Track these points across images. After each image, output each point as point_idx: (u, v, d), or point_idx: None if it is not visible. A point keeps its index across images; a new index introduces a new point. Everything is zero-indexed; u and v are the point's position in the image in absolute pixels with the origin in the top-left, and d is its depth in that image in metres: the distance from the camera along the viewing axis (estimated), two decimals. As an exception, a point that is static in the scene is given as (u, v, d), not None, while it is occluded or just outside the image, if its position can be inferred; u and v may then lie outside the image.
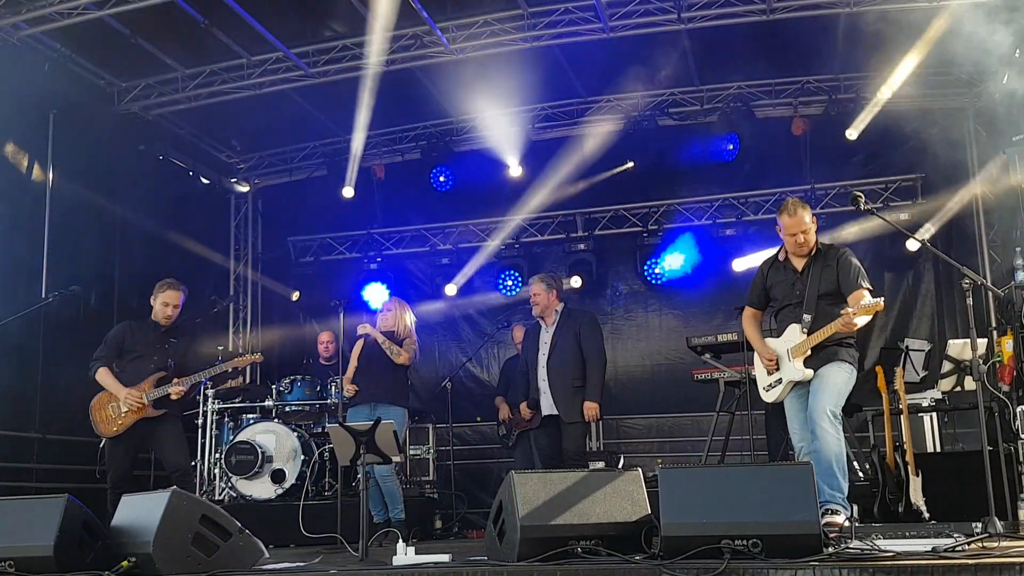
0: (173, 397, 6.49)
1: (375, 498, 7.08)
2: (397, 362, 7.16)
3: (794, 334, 5.34)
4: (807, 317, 5.27)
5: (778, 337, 5.49)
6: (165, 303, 6.66)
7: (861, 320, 5.13)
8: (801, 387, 5.35)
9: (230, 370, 7.36)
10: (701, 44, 9.49)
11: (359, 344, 7.35)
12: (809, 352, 5.25)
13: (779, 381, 5.42)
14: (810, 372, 5.25)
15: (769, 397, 5.54)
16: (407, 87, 10.28)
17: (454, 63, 9.49)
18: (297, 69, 9.70)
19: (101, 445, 6.62)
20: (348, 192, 11.28)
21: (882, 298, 5.06)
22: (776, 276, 5.58)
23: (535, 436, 7.44)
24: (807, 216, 5.38)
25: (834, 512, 4.95)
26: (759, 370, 5.62)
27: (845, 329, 5.12)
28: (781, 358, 5.41)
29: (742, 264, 10.49)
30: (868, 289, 5.28)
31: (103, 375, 6.56)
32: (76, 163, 9.30)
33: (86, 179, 9.48)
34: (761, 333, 5.69)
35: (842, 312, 5.06)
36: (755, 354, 5.69)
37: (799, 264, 5.47)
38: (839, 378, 5.23)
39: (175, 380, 6.53)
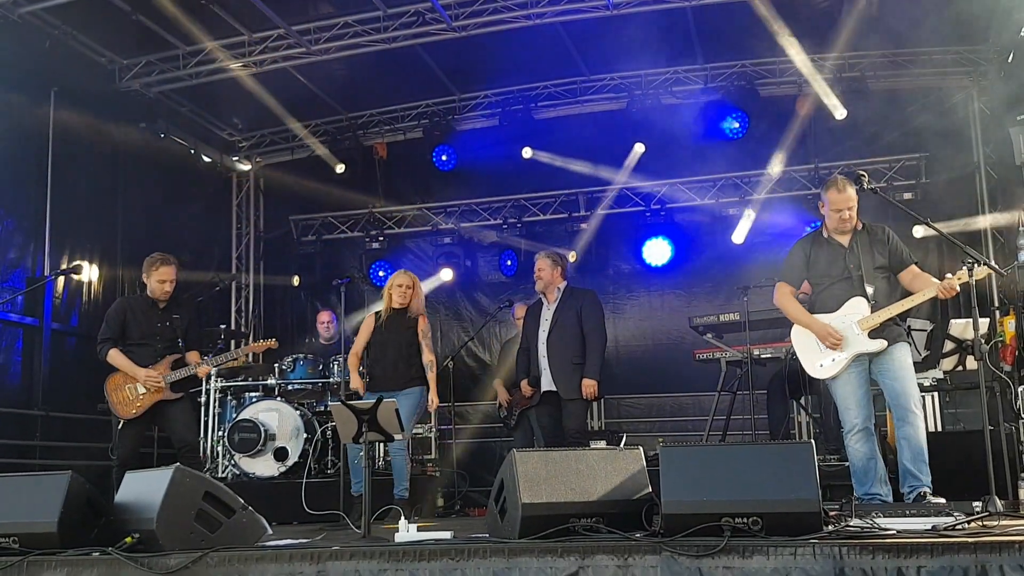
0: (201, 376, 6.54)
1: (357, 469, 7.05)
2: (429, 366, 7.15)
3: (857, 307, 5.33)
4: (870, 290, 5.31)
5: (832, 312, 5.41)
6: (161, 280, 6.54)
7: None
8: (859, 363, 5.32)
9: (247, 357, 7.40)
10: (705, 22, 9.43)
11: (369, 323, 7.31)
12: (879, 324, 5.26)
13: (839, 356, 5.33)
14: (883, 343, 5.24)
15: (823, 373, 5.40)
16: (409, 65, 10.24)
17: (456, 41, 9.43)
18: (298, 46, 9.66)
19: (119, 427, 6.57)
20: (339, 168, 11.38)
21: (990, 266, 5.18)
22: (820, 253, 5.53)
23: (537, 414, 7.46)
24: (853, 192, 5.38)
25: (930, 494, 5.05)
26: (805, 346, 5.47)
27: (944, 295, 5.14)
28: (845, 330, 5.32)
29: (741, 235, 10.50)
30: (916, 263, 5.41)
31: (115, 356, 6.47)
32: (77, 141, 9.30)
33: (87, 157, 9.48)
34: (804, 309, 5.56)
35: (947, 277, 5.14)
36: (794, 331, 5.57)
37: (843, 240, 5.47)
38: (911, 361, 5.30)
39: (196, 356, 6.56)
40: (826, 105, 10.00)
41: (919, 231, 9.17)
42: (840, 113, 9.93)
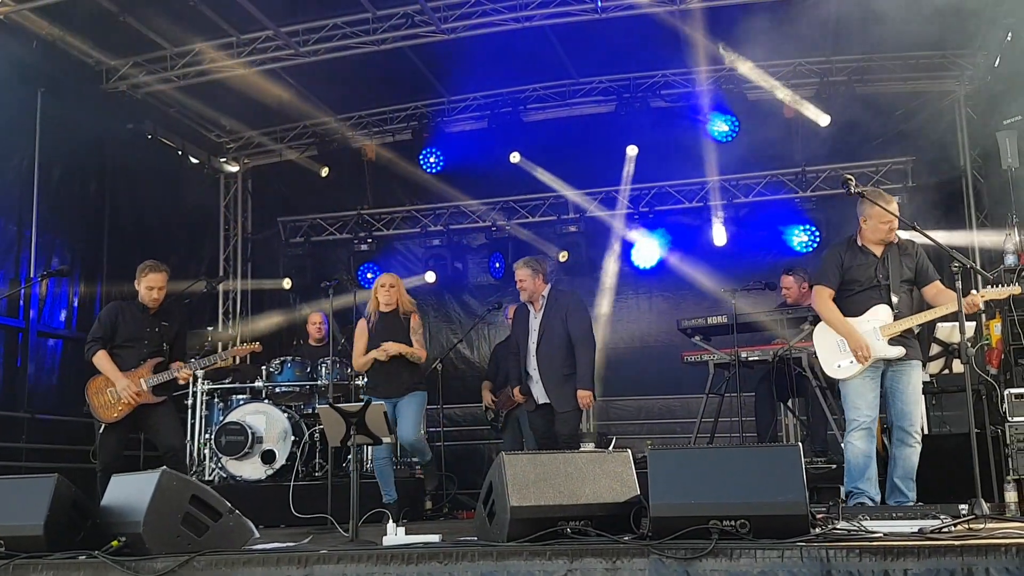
0: (181, 381, 6.47)
1: (385, 476, 7.18)
2: (419, 361, 7.17)
3: (881, 314, 5.52)
4: (895, 299, 5.51)
5: (856, 317, 5.58)
6: (149, 287, 6.49)
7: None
8: (875, 368, 5.50)
9: (234, 360, 7.38)
10: (693, 25, 9.44)
11: (363, 328, 7.28)
12: (899, 332, 5.45)
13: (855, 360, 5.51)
14: (901, 350, 5.44)
15: (840, 374, 5.58)
16: (398, 67, 10.23)
17: (445, 43, 9.43)
18: (287, 48, 9.64)
19: (100, 430, 6.52)
20: (324, 172, 11.50)
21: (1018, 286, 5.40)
22: (854, 260, 5.69)
23: (530, 418, 7.44)
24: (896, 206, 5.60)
25: None
26: (826, 345, 5.66)
27: (968, 311, 5.23)
28: (867, 336, 5.50)
29: (721, 237, 10.54)
30: (941, 279, 5.60)
31: (101, 359, 6.41)
32: (64, 142, 9.26)
33: (74, 158, 9.45)
34: (843, 316, 5.66)
35: (971, 294, 5.26)
36: (817, 330, 5.75)
37: (877, 251, 5.64)
38: (921, 386, 5.56)
39: (179, 364, 6.47)
40: (813, 109, 10.06)
41: (903, 235, 9.18)
42: (823, 120, 9.99)
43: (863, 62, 10.10)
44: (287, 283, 11.89)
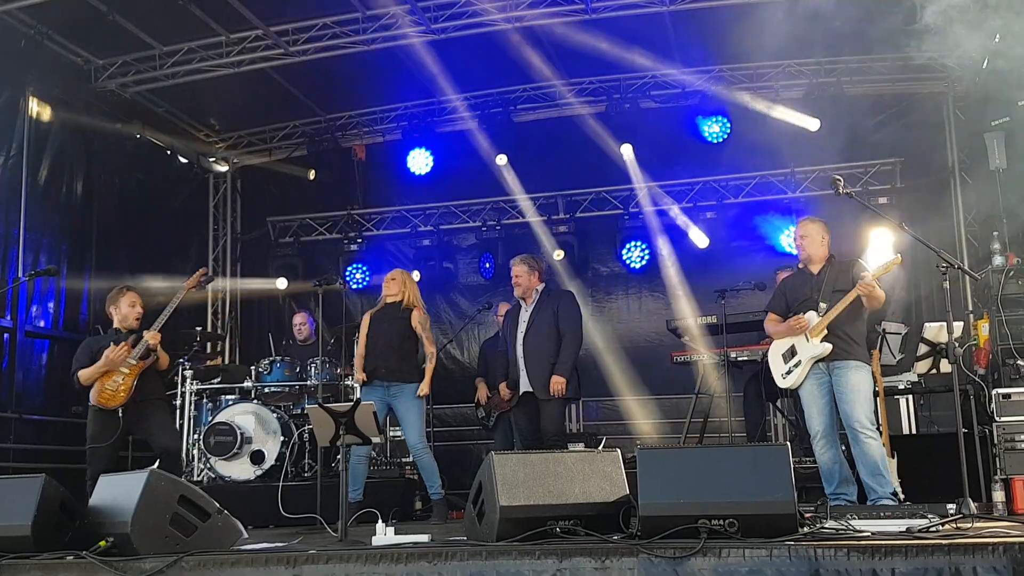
0: (151, 344, 6.36)
1: (357, 475, 7.06)
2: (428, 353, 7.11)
3: (809, 319, 5.79)
4: (823, 305, 5.76)
5: None
6: (132, 303, 6.51)
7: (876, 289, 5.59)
8: (819, 373, 5.73)
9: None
10: (684, 26, 9.46)
11: (365, 320, 7.23)
12: (826, 331, 5.68)
13: (797, 364, 5.80)
14: (828, 347, 5.65)
15: (787, 382, 5.90)
16: (388, 67, 10.22)
17: (435, 43, 9.42)
18: (276, 47, 9.63)
19: (89, 449, 6.37)
20: (311, 175, 11.49)
21: (898, 254, 5.61)
22: (795, 281, 6.12)
23: (514, 416, 7.45)
24: (811, 227, 5.99)
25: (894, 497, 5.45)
26: (775, 360, 6.00)
27: (865, 293, 5.52)
28: (799, 340, 5.81)
29: (702, 239, 10.58)
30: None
31: (84, 372, 6.34)
32: (52, 142, 9.22)
33: (62, 157, 9.41)
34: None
35: (861, 277, 5.55)
36: (770, 349, 6.08)
37: (814, 269, 5.98)
38: (865, 384, 5.69)
39: (146, 331, 6.38)
40: (802, 113, 10.09)
41: (889, 235, 9.23)
42: (813, 126, 10.02)
43: (852, 63, 10.13)
44: (282, 283, 11.83)
